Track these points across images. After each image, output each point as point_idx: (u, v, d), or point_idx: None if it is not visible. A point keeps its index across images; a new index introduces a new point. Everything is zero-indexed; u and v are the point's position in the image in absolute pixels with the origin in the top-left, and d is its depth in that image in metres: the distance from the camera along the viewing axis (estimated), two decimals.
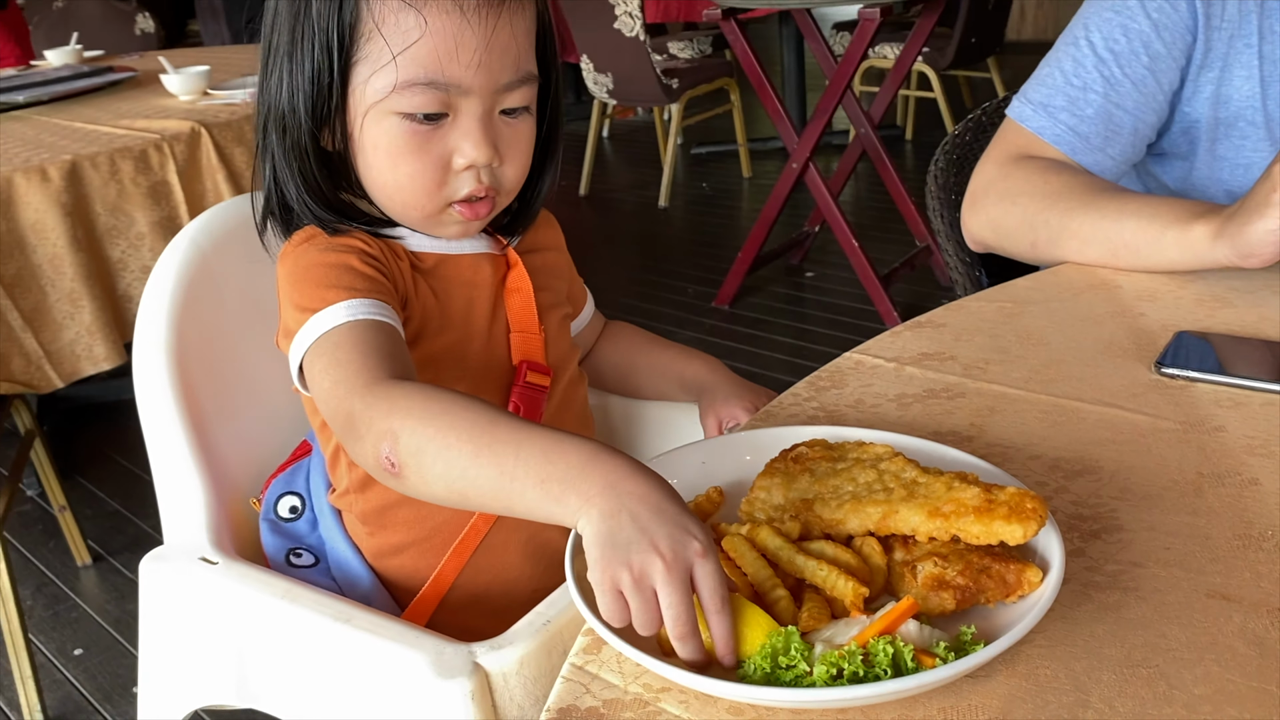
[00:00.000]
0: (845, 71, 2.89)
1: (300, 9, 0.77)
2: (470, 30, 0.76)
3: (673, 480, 0.60)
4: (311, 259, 0.79)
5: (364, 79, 0.77)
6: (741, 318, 3.22)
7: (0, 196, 1.94)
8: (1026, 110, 1.13)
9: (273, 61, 0.79)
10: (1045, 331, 0.90)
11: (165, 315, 0.85)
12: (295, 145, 0.80)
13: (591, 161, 4.65)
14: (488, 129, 0.79)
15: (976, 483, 0.58)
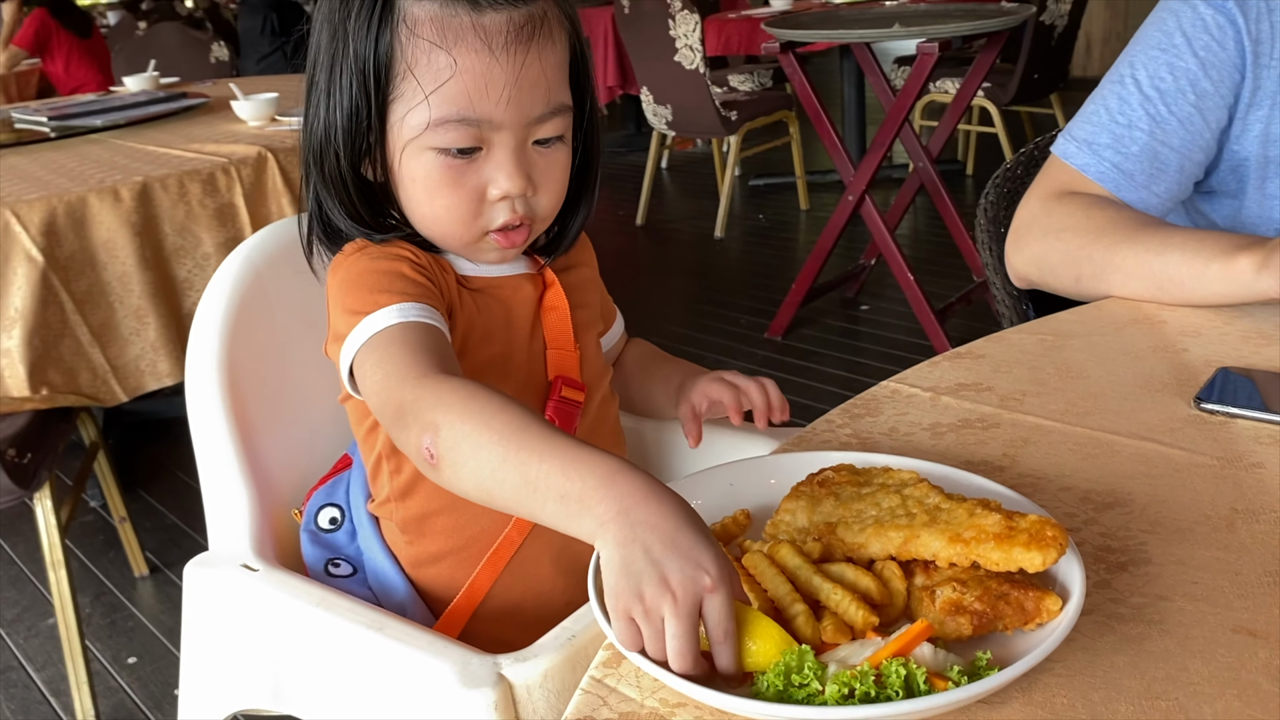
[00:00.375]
0: (903, 105, 2.89)
1: (338, 49, 0.80)
2: (499, 68, 0.78)
3: (697, 502, 0.62)
4: (363, 266, 0.82)
5: (400, 116, 0.80)
6: (794, 349, 3.21)
7: (74, 215, 2.01)
8: (1071, 147, 1.13)
9: (313, 97, 0.83)
10: (1085, 365, 0.90)
11: (218, 329, 0.88)
12: (335, 176, 0.83)
13: (649, 192, 4.68)
14: (520, 160, 0.82)
15: (998, 510, 0.59)
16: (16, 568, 2.37)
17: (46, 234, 1.98)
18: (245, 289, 0.91)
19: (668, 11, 4.01)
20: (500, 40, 0.78)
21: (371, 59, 0.79)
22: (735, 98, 4.47)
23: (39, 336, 1.98)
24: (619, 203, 5.11)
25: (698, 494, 0.69)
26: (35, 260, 1.97)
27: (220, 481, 0.89)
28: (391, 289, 0.79)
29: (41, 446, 1.85)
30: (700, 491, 0.69)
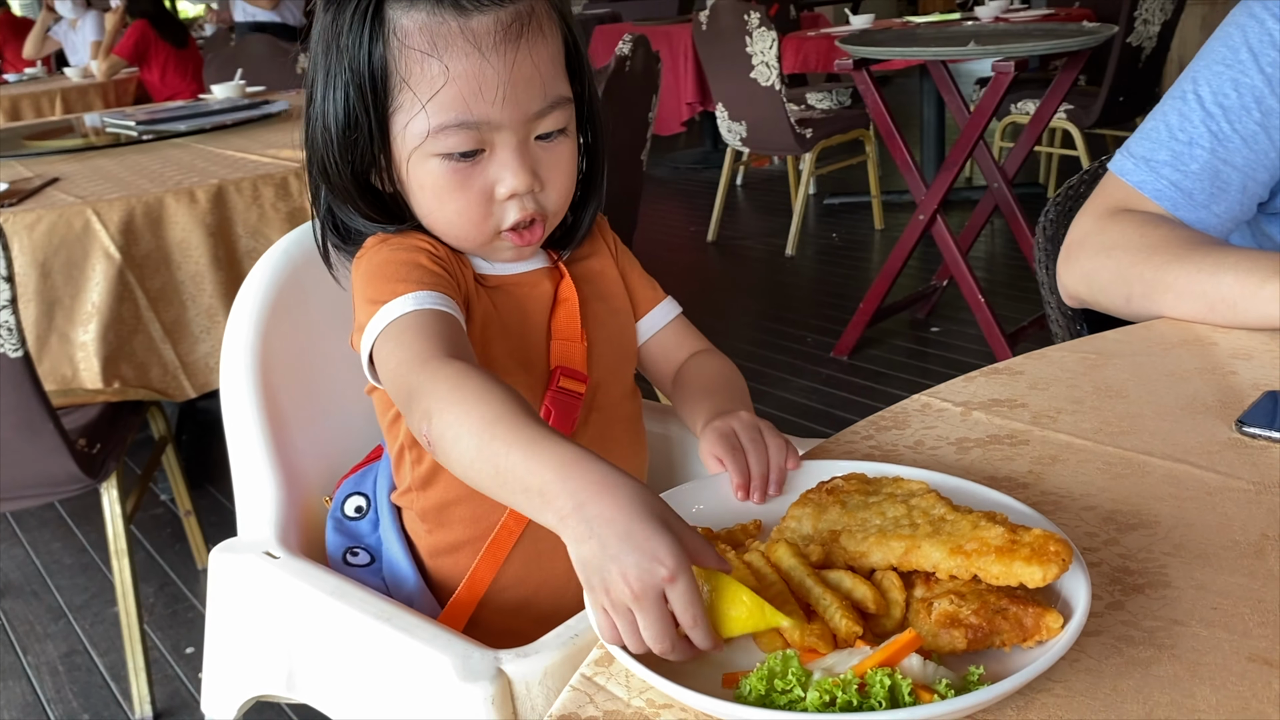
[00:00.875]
0: (976, 124, 2.84)
1: (333, 64, 0.82)
2: (491, 69, 0.79)
3: (699, 507, 0.61)
4: (384, 257, 0.84)
5: (402, 126, 0.82)
6: (860, 369, 3.18)
7: (151, 215, 2.08)
8: (1128, 164, 1.10)
9: (311, 111, 0.84)
10: (1126, 384, 0.87)
11: (253, 321, 0.90)
12: (340, 187, 0.85)
13: (721, 208, 4.68)
14: (524, 157, 0.83)
15: (1003, 523, 0.57)
16: (88, 555, 2.45)
17: (125, 232, 2.05)
18: (282, 283, 0.93)
19: (745, 28, 4.01)
20: (489, 41, 0.79)
21: (367, 72, 0.80)
22: (811, 115, 4.44)
23: (113, 331, 2.05)
24: (691, 219, 5.11)
25: (710, 499, 0.68)
26: (113, 258, 2.04)
27: (249, 470, 0.91)
28: (409, 278, 0.80)
29: (111, 438, 1.91)
30: (712, 496, 0.69)
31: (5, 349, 1.63)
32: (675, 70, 5.43)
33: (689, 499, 0.70)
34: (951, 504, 0.61)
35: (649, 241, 4.87)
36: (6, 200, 2.08)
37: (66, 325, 2.03)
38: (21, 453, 1.73)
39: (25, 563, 2.44)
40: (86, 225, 2.02)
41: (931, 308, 3.55)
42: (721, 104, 4.35)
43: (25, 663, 2.07)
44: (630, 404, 0.99)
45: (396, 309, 0.78)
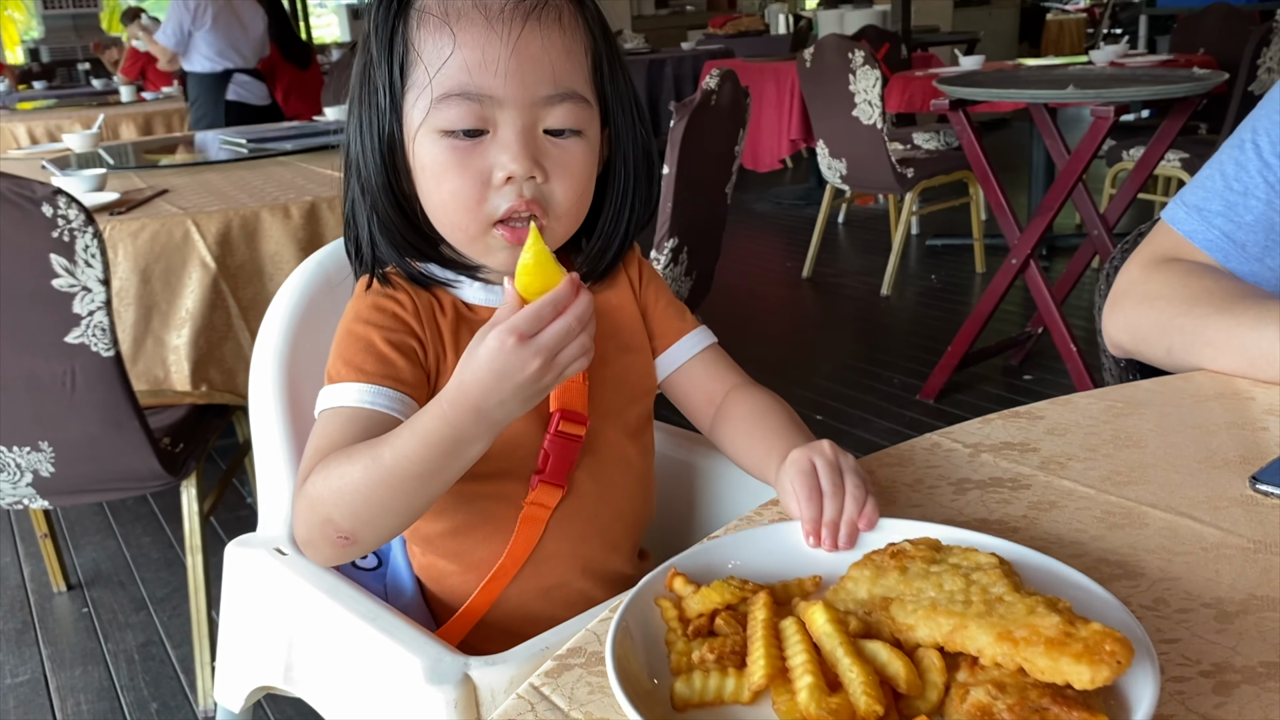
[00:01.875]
0: (1073, 169, 2.78)
1: (366, 58, 0.84)
2: (496, 37, 0.79)
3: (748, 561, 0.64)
4: (347, 324, 0.86)
5: (412, 104, 0.82)
6: (944, 414, 3.11)
7: (248, 228, 2.18)
8: (1180, 212, 1.07)
9: (350, 111, 0.86)
10: (1146, 435, 0.84)
11: (284, 327, 0.94)
12: (368, 188, 0.85)
13: (818, 244, 4.65)
14: (527, 143, 0.81)
15: (1064, 611, 0.53)
16: (173, 551, 2.55)
17: (221, 243, 2.15)
18: (313, 294, 0.97)
19: (849, 67, 4.00)
20: (498, 13, 0.80)
21: (387, 51, 0.81)
22: (914, 155, 4.40)
23: (204, 337, 2.15)
24: (788, 254, 5.10)
25: (773, 548, 0.65)
26: (209, 267, 2.14)
27: (270, 468, 0.95)
28: (362, 365, 0.83)
29: (194, 438, 2.00)
30: (776, 545, 0.66)
31: (98, 348, 1.72)
32: (781, 106, 5.44)
33: (744, 549, 0.66)
34: (1016, 583, 0.56)
35: (743, 274, 4.88)
36: (116, 209, 2.21)
37: (161, 329, 2.14)
38: (108, 447, 1.82)
39: (115, 554, 2.56)
40: (186, 235, 2.13)
41: (1025, 354, 3.46)
42: (822, 141, 4.34)
43: (105, 649, 2.16)
44: (631, 445, 0.95)
45: (335, 397, 0.82)
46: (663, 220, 2.33)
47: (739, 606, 0.60)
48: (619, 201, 0.92)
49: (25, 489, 1.83)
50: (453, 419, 0.72)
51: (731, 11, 10.43)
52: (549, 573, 0.91)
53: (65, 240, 1.63)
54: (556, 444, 0.89)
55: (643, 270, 0.99)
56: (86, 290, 1.68)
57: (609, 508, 0.93)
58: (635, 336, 0.97)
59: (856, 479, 0.71)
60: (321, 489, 0.77)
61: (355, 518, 0.76)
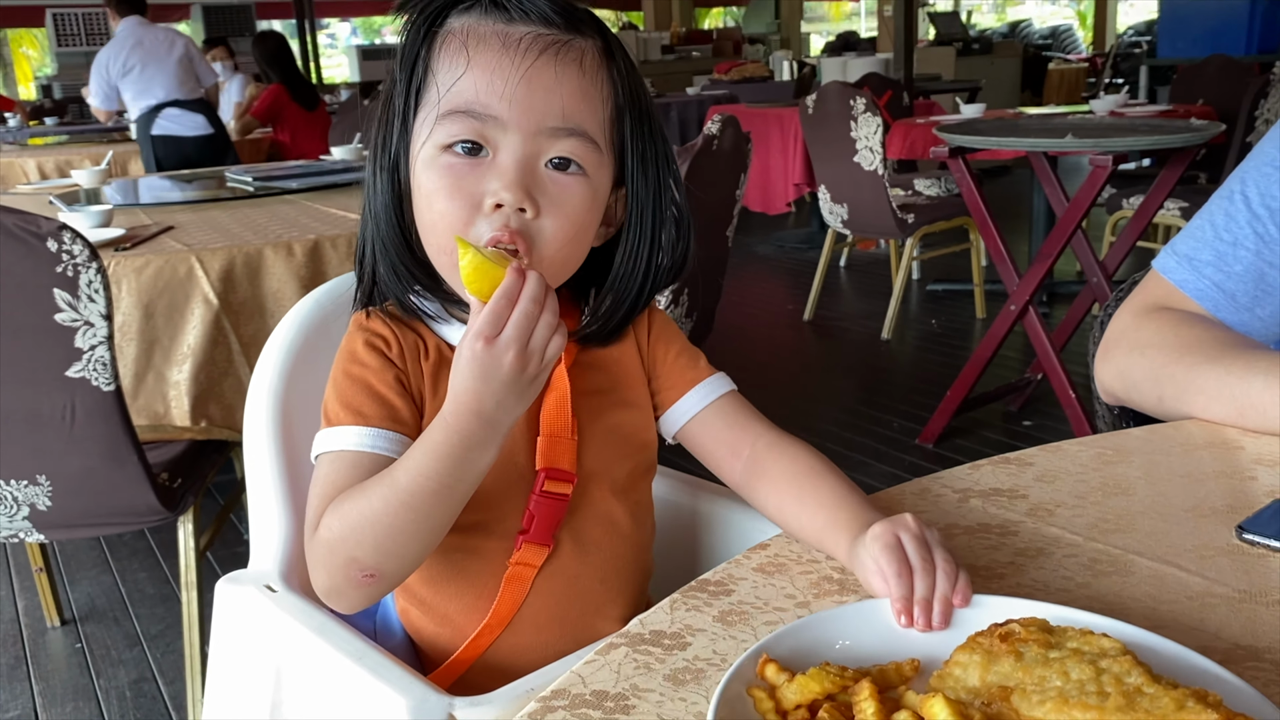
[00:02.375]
0: (1072, 217, 2.80)
1: (390, 83, 0.84)
2: (509, 62, 0.79)
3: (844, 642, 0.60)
4: (343, 365, 0.85)
5: (420, 123, 0.82)
6: (944, 458, 3.11)
7: (251, 265, 2.19)
8: (1171, 262, 1.08)
9: (371, 137, 0.85)
10: (1135, 483, 0.85)
11: (280, 363, 0.95)
12: (374, 212, 0.85)
13: (819, 288, 4.68)
14: (524, 172, 0.79)
15: (1217, 706, 0.49)
16: (169, 587, 2.55)
17: (224, 280, 2.16)
18: (310, 330, 0.98)
19: (850, 113, 4.04)
20: (516, 41, 0.79)
21: (408, 74, 0.82)
22: (915, 201, 4.43)
23: (205, 373, 2.16)
24: (790, 297, 5.12)
25: (859, 630, 0.61)
26: (211, 303, 2.15)
27: (262, 504, 0.95)
28: (360, 408, 0.83)
29: (192, 474, 2.00)
30: (857, 628, 0.62)
31: (99, 382, 1.73)
32: (785, 152, 5.49)
33: (834, 629, 0.62)
34: (1150, 671, 0.53)
35: (745, 316, 4.90)
36: (121, 245, 2.23)
37: (163, 364, 2.15)
38: (106, 482, 1.83)
39: (111, 589, 2.55)
40: (190, 271, 2.14)
41: (1025, 400, 3.47)
42: (824, 186, 4.38)
43: (97, 685, 2.15)
44: (617, 504, 0.92)
45: (335, 441, 0.82)
46: None
47: (838, 695, 0.56)
48: (632, 262, 0.89)
49: (21, 522, 1.83)
50: (458, 427, 0.74)
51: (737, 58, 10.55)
52: (526, 632, 0.89)
53: (69, 275, 1.64)
54: (542, 504, 0.86)
55: (653, 323, 0.95)
56: (89, 325, 1.69)
57: (590, 569, 0.91)
58: (633, 391, 0.93)
59: (944, 553, 0.67)
60: (339, 530, 0.77)
61: (379, 550, 0.77)
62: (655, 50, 10.09)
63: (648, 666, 0.62)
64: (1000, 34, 14.36)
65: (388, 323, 0.87)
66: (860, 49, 9.70)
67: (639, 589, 0.96)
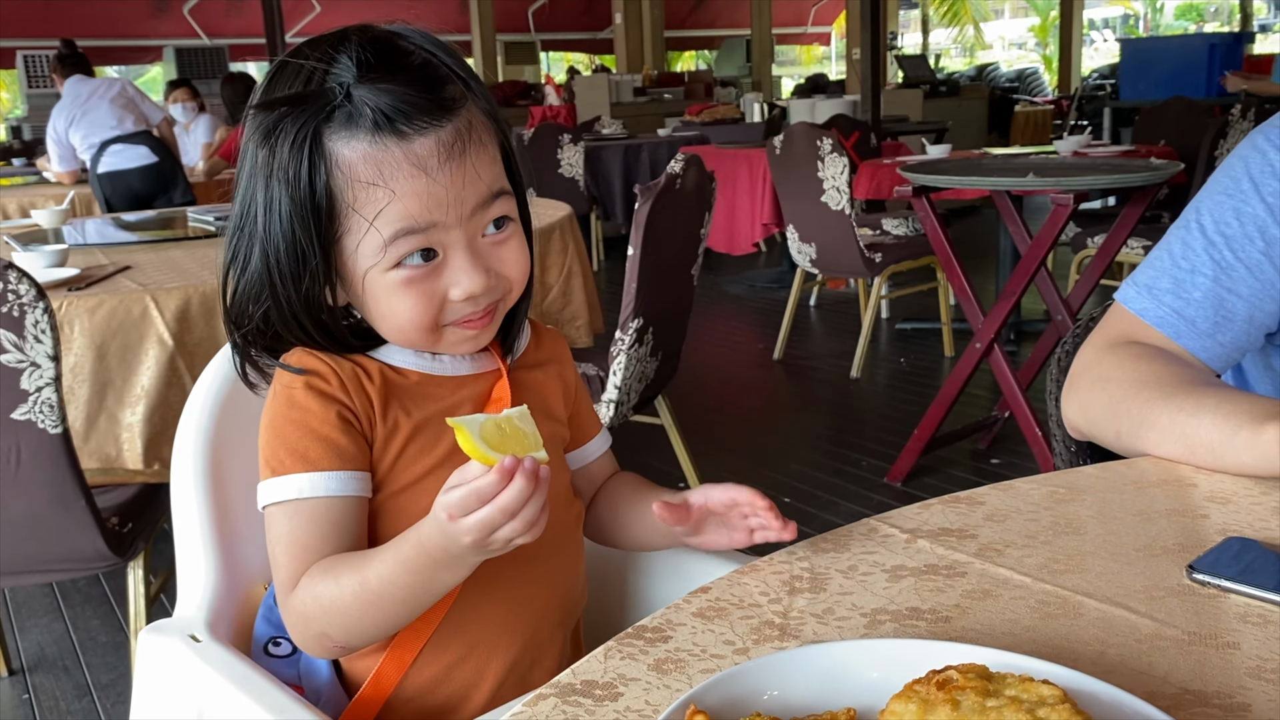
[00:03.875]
0: (1035, 255, 2.81)
1: (272, 197, 0.81)
2: (438, 186, 0.80)
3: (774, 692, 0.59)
4: (277, 413, 0.85)
5: (353, 248, 0.82)
6: (912, 497, 3.10)
7: (207, 305, 2.16)
8: (1131, 292, 1.08)
9: (244, 242, 0.84)
10: (1086, 522, 0.83)
11: (209, 405, 0.93)
12: (282, 312, 0.84)
13: (788, 327, 4.68)
14: (477, 258, 0.83)
15: None
16: (122, 635, 2.48)
17: (180, 320, 2.13)
18: None
19: (817, 153, 4.07)
20: (433, 163, 0.80)
21: (310, 204, 0.80)
22: (883, 240, 4.45)
23: (159, 415, 2.12)
24: (760, 336, 5.12)
25: (781, 679, 0.59)
26: (166, 343, 2.12)
27: (189, 551, 0.92)
28: (303, 452, 0.83)
29: (142, 518, 1.96)
30: (790, 677, 0.59)
31: (45, 425, 1.69)
32: (754, 192, 5.52)
33: (766, 678, 0.60)
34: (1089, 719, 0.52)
35: (714, 355, 4.89)
36: (76, 284, 2.19)
37: (116, 406, 2.11)
38: (52, 526, 1.78)
39: (62, 637, 2.49)
40: (145, 311, 2.11)
41: (993, 439, 3.47)
42: (792, 225, 4.39)
43: None
44: (554, 511, 0.92)
45: (288, 489, 0.83)
46: (627, 301, 2.33)
47: None
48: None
49: None
50: (426, 551, 0.77)
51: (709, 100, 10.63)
52: (474, 638, 0.90)
53: (15, 315, 1.61)
54: None
55: (571, 364, 1.04)
56: (35, 366, 1.66)
57: (536, 576, 0.93)
58: (557, 410, 1.00)
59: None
60: (312, 608, 0.81)
61: (348, 633, 0.83)
62: (628, 92, 10.15)
63: (576, 719, 0.60)
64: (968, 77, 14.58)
65: (321, 357, 0.87)
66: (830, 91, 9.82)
67: (580, 597, 1.01)
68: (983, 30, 22.78)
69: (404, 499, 0.88)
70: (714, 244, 5.91)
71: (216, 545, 0.92)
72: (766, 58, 13.86)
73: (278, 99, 0.81)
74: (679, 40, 16.22)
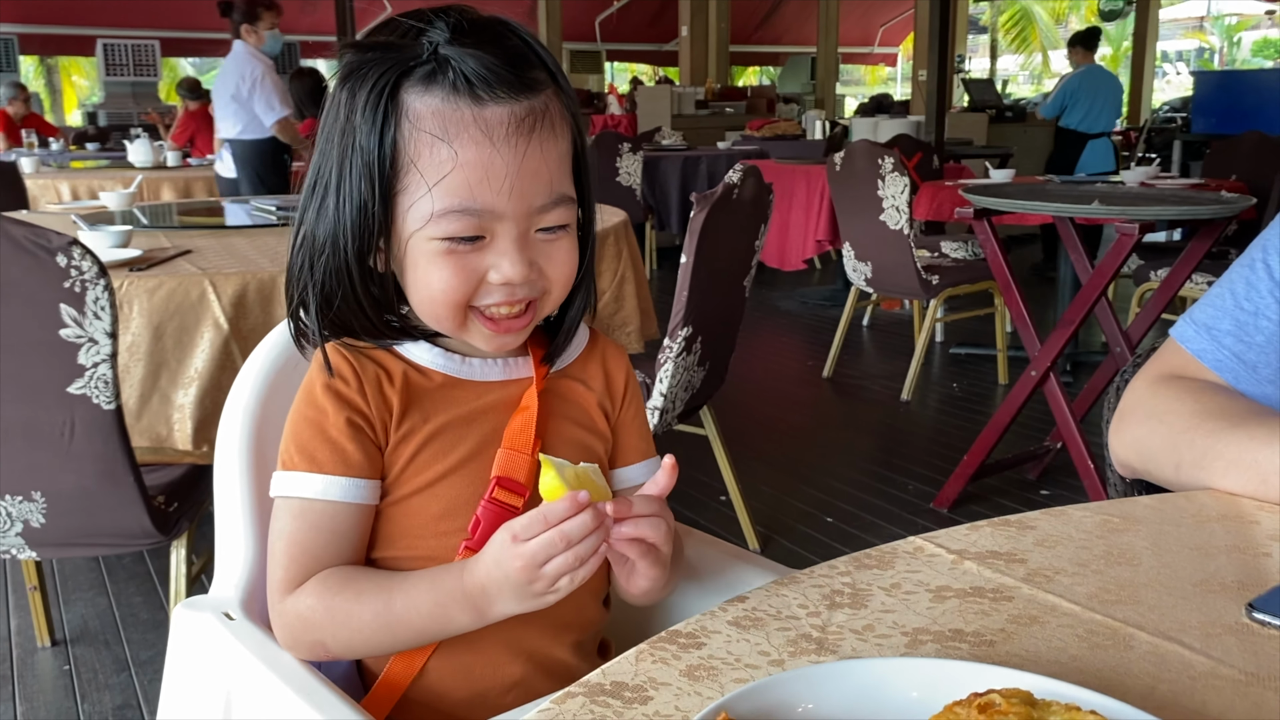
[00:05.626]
0: (1095, 285, 2.76)
1: (347, 146, 0.81)
2: (500, 159, 0.79)
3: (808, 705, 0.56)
4: (299, 407, 0.86)
5: (406, 208, 0.81)
6: (958, 524, 3.04)
7: (263, 292, 2.19)
8: (1189, 330, 1.04)
9: (318, 193, 0.84)
10: (1141, 553, 0.80)
11: (256, 383, 0.93)
12: (339, 269, 0.84)
13: (839, 345, 4.64)
14: (523, 248, 0.82)
15: None
16: (163, 613, 2.51)
17: (236, 305, 2.16)
18: (290, 352, 0.96)
19: (878, 172, 4.03)
20: (501, 132, 0.79)
21: (377, 153, 0.80)
22: (941, 263, 4.40)
23: (210, 398, 2.14)
24: (810, 353, 5.09)
25: (817, 692, 0.57)
26: (221, 327, 2.14)
27: (229, 530, 0.92)
28: (315, 454, 0.84)
29: (188, 498, 1.98)
30: (826, 691, 0.58)
31: (99, 400, 1.72)
32: (810, 208, 5.49)
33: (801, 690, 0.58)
34: None
35: (763, 369, 4.86)
36: (137, 265, 2.23)
37: (169, 387, 2.14)
38: (101, 501, 1.80)
39: (105, 612, 2.52)
40: (202, 295, 2.14)
41: (1043, 469, 3.40)
42: (849, 243, 4.35)
43: (80, 710, 2.12)
44: None
45: (294, 487, 0.84)
46: (678, 309, 2.32)
47: None
48: (580, 276, 0.91)
49: (14, 539, 1.81)
50: (466, 582, 0.79)
51: (770, 115, 10.61)
52: (476, 651, 0.88)
53: (76, 291, 1.63)
54: (490, 511, 0.87)
55: (630, 384, 1.00)
56: (93, 342, 1.68)
57: None
58: (596, 424, 0.96)
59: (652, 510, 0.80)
60: (321, 617, 0.82)
61: (349, 647, 0.84)
62: (689, 104, 10.16)
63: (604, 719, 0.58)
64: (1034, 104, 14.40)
65: (347, 355, 0.87)
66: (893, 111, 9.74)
67: (598, 615, 0.98)
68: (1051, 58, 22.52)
69: (413, 503, 0.87)
70: (765, 258, 5.88)
71: (256, 525, 0.92)
72: (831, 76, 13.80)
73: (367, 43, 0.82)
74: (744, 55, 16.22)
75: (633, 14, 14.34)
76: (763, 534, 2.93)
